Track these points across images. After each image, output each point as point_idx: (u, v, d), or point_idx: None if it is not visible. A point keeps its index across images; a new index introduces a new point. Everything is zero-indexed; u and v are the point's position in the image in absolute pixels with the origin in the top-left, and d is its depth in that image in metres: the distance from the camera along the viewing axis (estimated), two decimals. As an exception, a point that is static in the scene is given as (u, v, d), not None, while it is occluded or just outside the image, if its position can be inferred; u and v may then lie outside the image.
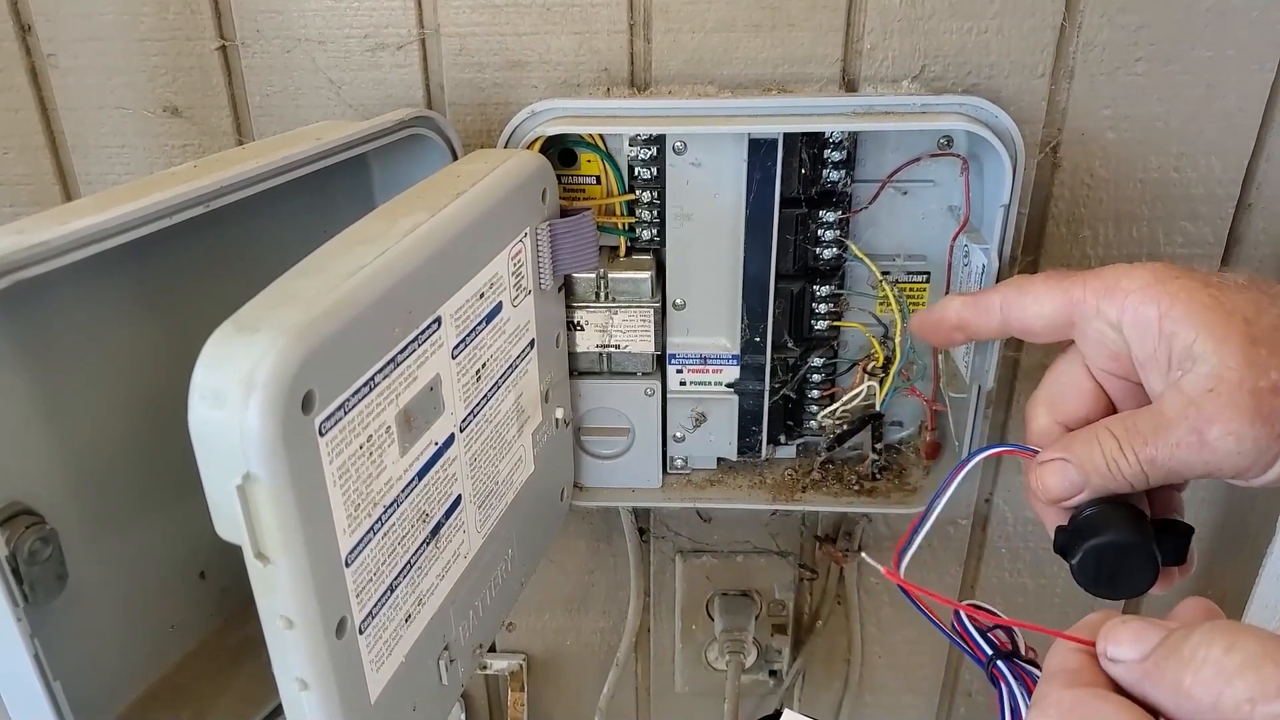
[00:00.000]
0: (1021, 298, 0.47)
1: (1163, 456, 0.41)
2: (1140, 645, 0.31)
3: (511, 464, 0.55)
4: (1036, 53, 0.60)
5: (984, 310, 0.49)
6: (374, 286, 0.39)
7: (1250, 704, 0.26)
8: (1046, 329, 0.47)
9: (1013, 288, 0.48)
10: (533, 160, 0.54)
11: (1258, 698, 0.26)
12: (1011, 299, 0.47)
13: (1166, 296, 0.41)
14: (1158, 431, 0.41)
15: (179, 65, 0.63)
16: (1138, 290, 0.42)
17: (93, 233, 0.38)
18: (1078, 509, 0.44)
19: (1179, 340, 0.41)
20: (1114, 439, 0.42)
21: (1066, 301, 0.45)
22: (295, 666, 0.38)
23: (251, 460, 0.33)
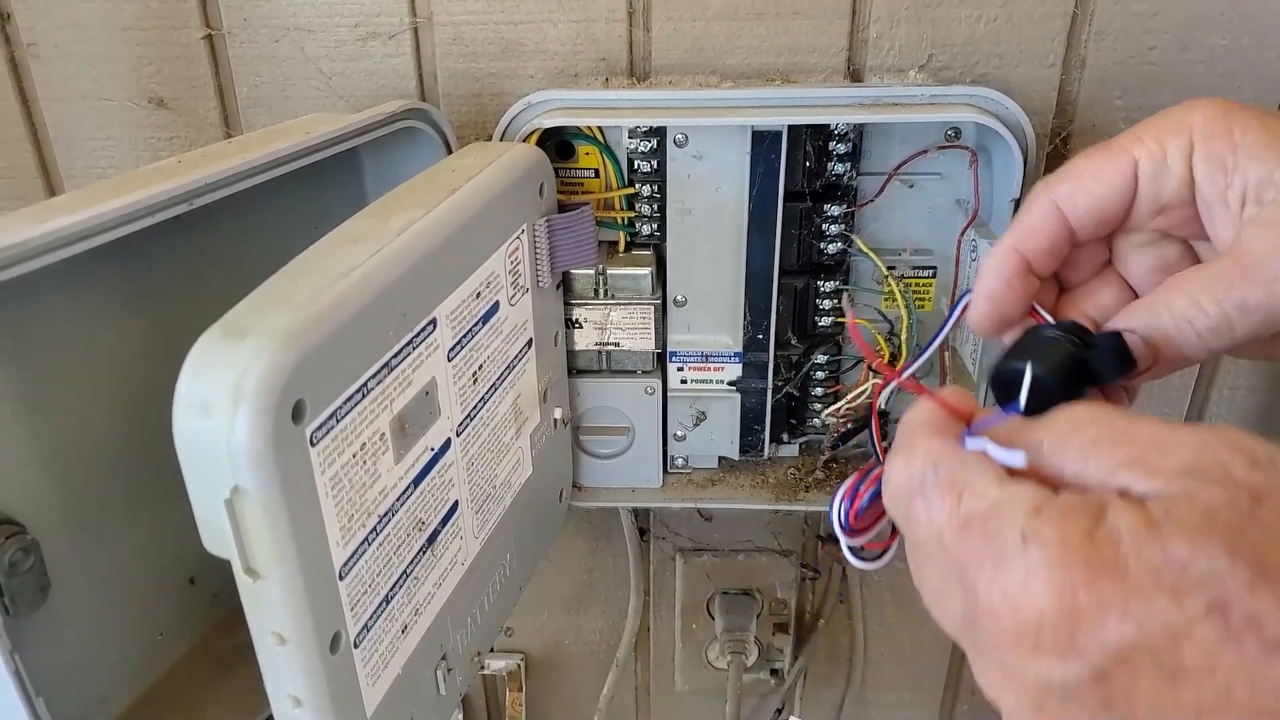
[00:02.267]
0: (1076, 183, 0.38)
1: (1255, 299, 0.34)
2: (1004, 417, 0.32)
3: (509, 466, 0.53)
4: (1047, 41, 0.58)
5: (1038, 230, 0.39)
6: (367, 288, 0.37)
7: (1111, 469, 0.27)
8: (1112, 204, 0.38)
9: (1058, 181, 0.38)
10: (530, 154, 0.52)
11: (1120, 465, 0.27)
12: (1065, 193, 0.38)
13: (1239, 126, 0.35)
14: (1246, 271, 0.34)
15: (164, 55, 0.61)
16: (1205, 122, 0.36)
17: (72, 233, 0.36)
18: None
19: (1254, 170, 0.35)
20: (1184, 294, 0.35)
21: (1126, 163, 0.37)
22: (288, 684, 0.37)
23: (240, 473, 0.32)
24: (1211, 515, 0.24)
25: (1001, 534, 0.27)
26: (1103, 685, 0.25)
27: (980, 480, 0.29)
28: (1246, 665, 0.23)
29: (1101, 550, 0.25)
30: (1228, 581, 0.23)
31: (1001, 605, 0.26)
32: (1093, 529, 0.25)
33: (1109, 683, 0.24)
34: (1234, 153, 0.35)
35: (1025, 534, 0.26)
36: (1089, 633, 0.24)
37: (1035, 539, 0.26)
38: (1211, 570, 0.23)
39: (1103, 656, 0.24)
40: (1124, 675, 0.24)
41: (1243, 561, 0.23)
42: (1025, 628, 0.26)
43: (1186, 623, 0.23)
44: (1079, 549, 0.25)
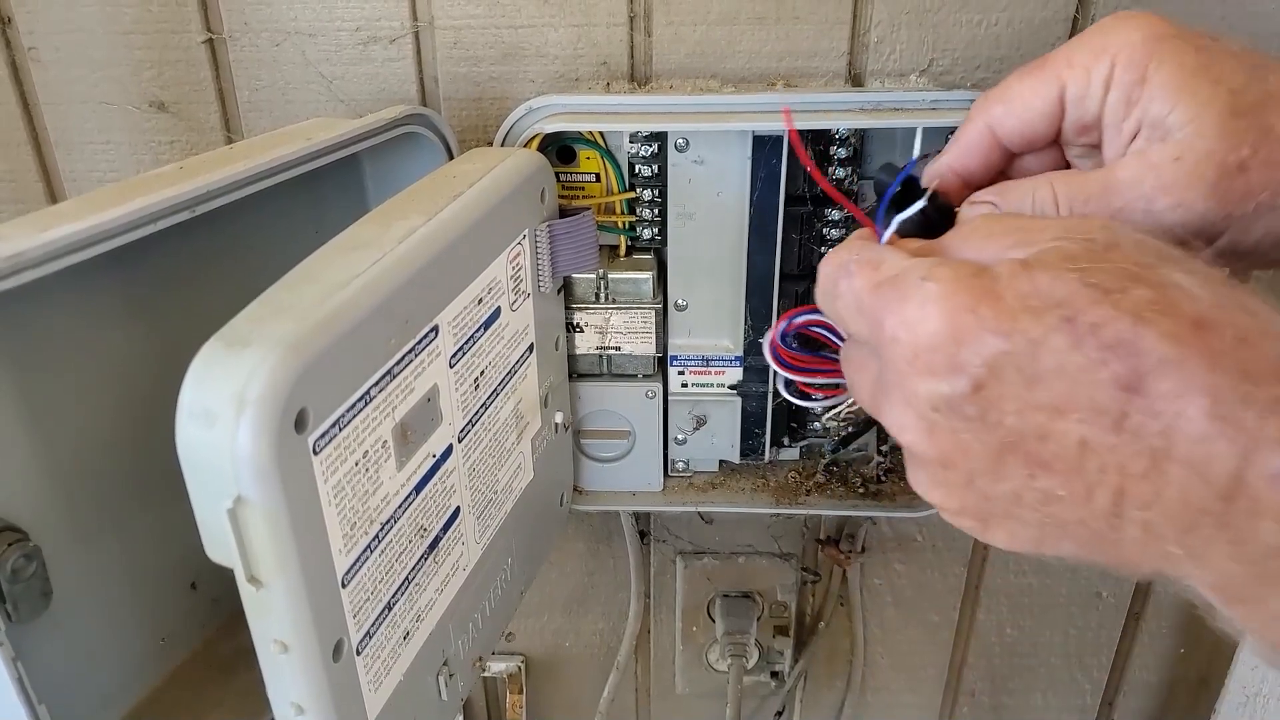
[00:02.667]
0: (1008, 106, 0.41)
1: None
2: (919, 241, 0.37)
3: (510, 471, 0.53)
4: (1048, 46, 0.58)
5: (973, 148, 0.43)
6: (369, 296, 0.37)
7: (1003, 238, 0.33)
8: (1043, 130, 0.41)
9: (992, 102, 0.42)
10: (531, 160, 0.52)
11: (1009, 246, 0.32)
12: (998, 115, 0.41)
13: (1154, 59, 0.37)
14: (1105, 192, 0.38)
15: (164, 59, 0.61)
16: (1126, 48, 0.38)
17: (73, 241, 0.36)
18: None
19: (1154, 108, 0.37)
20: (1051, 193, 0.39)
21: (1055, 88, 0.40)
22: (291, 691, 0.37)
23: (243, 482, 0.32)
24: (1071, 256, 0.30)
25: (906, 281, 0.32)
26: (979, 396, 0.30)
27: (893, 256, 0.34)
28: (1087, 366, 0.28)
29: (983, 283, 0.30)
30: (1077, 300, 0.29)
31: (902, 332, 0.32)
32: (979, 272, 0.31)
33: (983, 393, 0.30)
34: (1141, 86, 0.37)
35: (925, 276, 0.32)
36: (969, 348, 0.30)
37: (931, 278, 0.31)
38: (1066, 293, 0.29)
39: (979, 369, 0.30)
40: (995, 385, 0.30)
41: (1090, 286, 0.29)
42: (920, 350, 0.31)
43: (1044, 333, 0.29)
44: (966, 283, 0.31)
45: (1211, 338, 0.28)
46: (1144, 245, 0.30)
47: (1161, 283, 0.29)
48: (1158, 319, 0.28)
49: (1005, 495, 0.32)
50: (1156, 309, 0.28)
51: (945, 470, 0.33)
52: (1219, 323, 0.28)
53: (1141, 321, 0.28)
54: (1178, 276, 0.29)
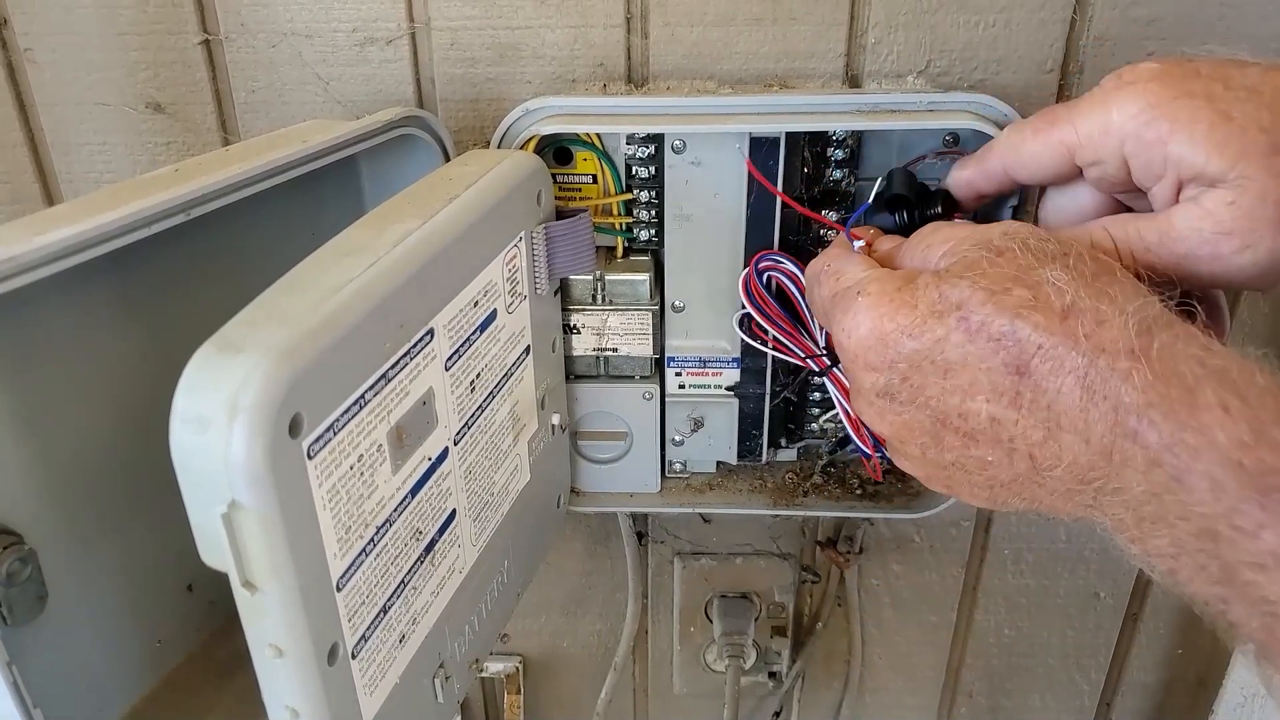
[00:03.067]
0: (1019, 155, 0.46)
1: (1164, 267, 0.40)
2: (891, 241, 0.46)
3: (507, 474, 0.53)
4: (1045, 47, 0.58)
5: (991, 176, 0.48)
6: (363, 300, 0.37)
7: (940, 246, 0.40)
8: (1053, 178, 0.46)
9: (1009, 146, 0.46)
10: (528, 162, 0.52)
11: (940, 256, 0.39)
12: (1010, 159, 0.46)
13: (1166, 123, 0.39)
14: (1164, 241, 0.39)
15: (161, 60, 0.61)
16: (1131, 121, 0.40)
17: (68, 245, 0.36)
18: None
19: (1187, 164, 0.38)
20: (1109, 238, 0.41)
21: (1064, 151, 0.43)
22: (286, 696, 0.37)
23: (237, 488, 0.32)
24: (968, 264, 0.37)
25: (848, 296, 0.40)
26: (906, 384, 0.37)
27: (851, 268, 0.43)
28: (983, 355, 0.35)
29: (904, 295, 0.38)
30: (970, 302, 0.35)
31: (844, 338, 0.40)
32: (903, 285, 0.38)
33: (910, 382, 0.37)
34: (1163, 151, 0.39)
35: (860, 290, 0.40)
36: (893, 349, 0.37)
37: (864, 293, 0.39)
38: (962, 296, 0.36)
39: (903, 365, 0.37)
40: (917, 375, 0.37)
41: (981, 289, 0.35)
42: (857, 351, 0.39)
43: (946, 331, 0.36)
44: (889, 296, 0.38)
45: (1075, 324, 0.34)
46: (1031, 249, 0.36)
47: (1038, 281, 0.35)
48: (1031, 313, 0.34)
49: (953, 463, 0.38)
50: (1031, 305, 0.34)
51: (903, 445, 0.40)
52: (1082, 310, 0.34)
53: (1019, 316, 0.34)
54: (1052, 275, 0.35)
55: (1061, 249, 0.36)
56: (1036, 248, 0.36)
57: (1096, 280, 0.35)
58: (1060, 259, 0.35)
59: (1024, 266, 0.35)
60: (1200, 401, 0.32)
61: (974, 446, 0.37)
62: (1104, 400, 0.33)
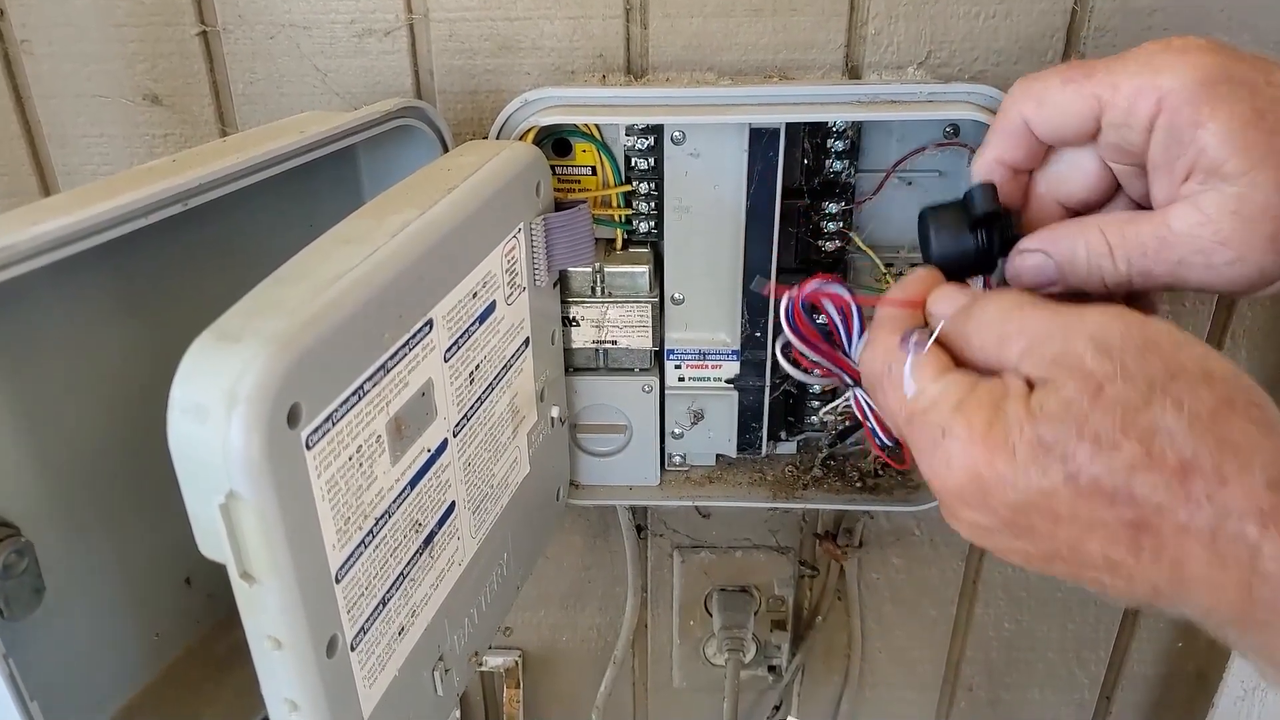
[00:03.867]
0: (1043, 105, 0.42)
1: (1160, 272, 0.39)
2: (950, 304, 0.40)
3: (506, 466, 0.53)
4: (1046, 38, 0.58)
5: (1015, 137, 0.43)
6: (362, 290, 0.37)
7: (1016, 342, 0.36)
8: (1072, 137, 0.42)
9: (1030, 96, 0.42)
10: (527, 153, 0.52)
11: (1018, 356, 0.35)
12: (1031, 109, 0.42)
13: (1207, 105, 0.37)
14: (1161, 247, 0.38)
15: (158, 51, 0.61)
16: (1176, 91, 0.37)
17: (65, 234, 0.36)
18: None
19: (1208, 156, 0.37)
20: (1105, 243, 0.40)
21: (1094, 106, 0.40)
22: (284, 688, 0.36)
23: (235, 478, 0.32)
24: (1067, 405, 0.33)
25: (930, 428, 0.36)
26: (1011, 525, 0.34)
27: (919, 380, 0.38)
28: (1096, 511, 0.32)
29: (995, 435, 0.34)
30: (1077, 455, 0.32)
31: (934, 478, 0.36)
32: (992, 419, 0.34)
33: (1015, 523, 0.34)
34: (1196, 130, 0.37)
35: (944, 430, 0.35)
36: (993, 496, 0.34)
37: (951, 434, 0.35)
38: (1067, 447, 0.32)
39: (1006, 512, 0.34)
40: (1023, 519, 0.34)
41: (1083, 442, 0.32)
42: (952, 492, 0.35)
43: (1052, 485, 0.33)
44: (980, 438, 0.34)
45: (1196, 484, 0.31)
46: (1132, 376, 0.32)
47: (1149, 430, 0.32)
48: (1146, 473, 0.31)
49: (1067, 575, 0.35)
50: (1145, 463, 0.31)
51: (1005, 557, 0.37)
52: (1202, 467, 0.31)
53: (1134, 475, 0.31)
54: (1164, 420, 0.32)
55: (1167, 371, 0.32)
56: (1138, 375, 0.32)
57: (1216, 423, 0.31)
58: (1168, 394, 0.32)
59: (1129, 408, 0.32)
60: None
61: (1087, 572, 0.34)
62: (1235, 565, 0.31)
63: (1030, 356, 0.35)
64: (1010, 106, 0.43)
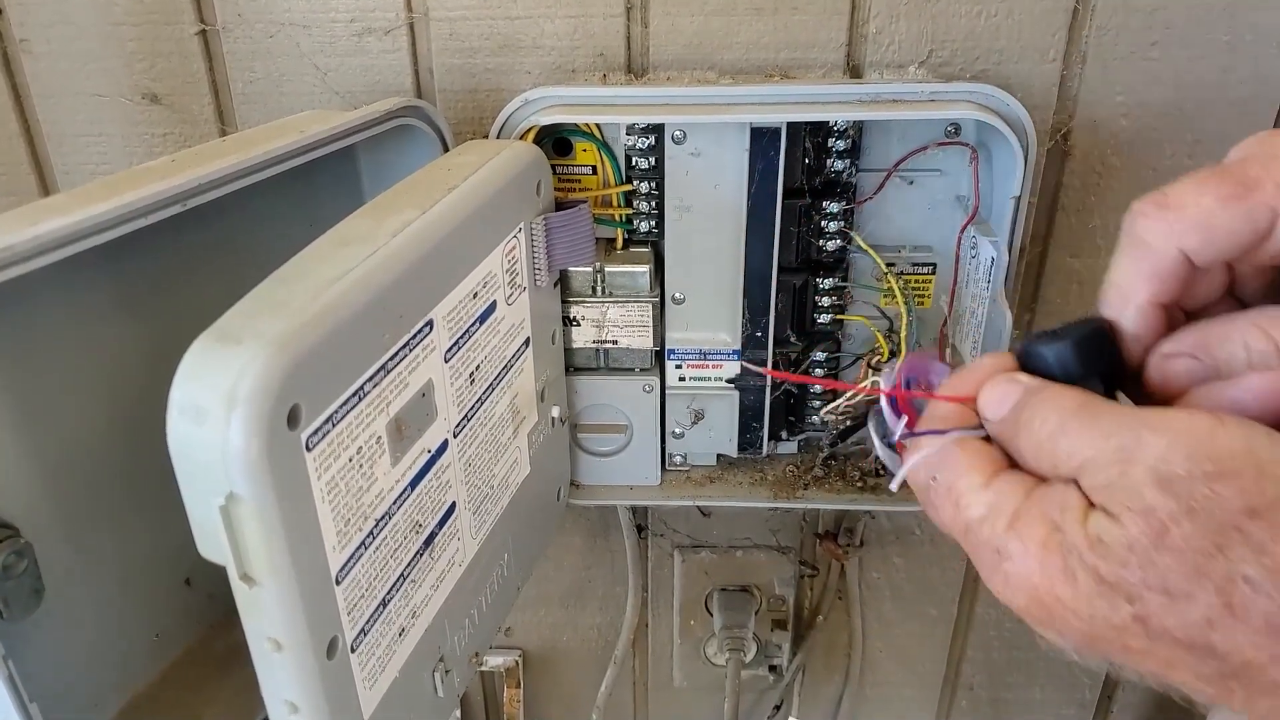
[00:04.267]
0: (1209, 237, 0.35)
1: None
2: (1001, 406, 0.35)
3: (507, 466, 0.53)
4: (1048, 36, 0.58)
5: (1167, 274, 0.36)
6: (362, 291, 0.37)
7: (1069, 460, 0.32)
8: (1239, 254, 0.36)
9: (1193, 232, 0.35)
10: (527, 152, 0.52)
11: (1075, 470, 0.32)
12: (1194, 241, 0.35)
13: None
14: None
15: (157, 50, 0.61)
16: None
17: (63, 235, 0.36)
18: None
19: None
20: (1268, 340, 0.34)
21: (1269, 219, 0.34)
22: (284, 689, 0.36)
23: (235, 479, 0.31)
24: (1130, 546, 0.30)
25: (986, 548, 0.34)
26: (1088, 650, 0.32)
27: (969, 486, 0.34)
28: (1174, 653, 0.30)
29: (1056, 563, 0.31)
30: (1148, 602, 0.30)
31: (999, 595, 0.34)
32: (1047, 540, 0.31)
33: (1093, 648, 0.32)
34: None
35: (999, 550, 0.33)
36: (1061, 623, 0.32)
37: (1006, 555, 0.33)
38: (1130, 589, 0.30)
39: (1077, 637, 0.32)
40: (1097, 644, 0.32)
41: (1151, 588, 0.29)
42: (1021, 613, 0.33)
43: (1124, 624, 0.30)
44: (1038, 562, 0.32)
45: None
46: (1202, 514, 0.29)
47: (1228, 581, 0.28)
48: (1229, 630, 0.29)
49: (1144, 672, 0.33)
50: (1226, 618, 0.28)
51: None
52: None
53: (1213, 630, 0.29)
54: (1245, 569, 0.28)
55: (1243, 505, 0.28)
56: (1205, 512, 0.29)
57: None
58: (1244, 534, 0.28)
59: (1199, 552, 0.29)
60: None
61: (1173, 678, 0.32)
62: None
63: (1087, 474, 0.32)
64: (1157, 241, 0.36)
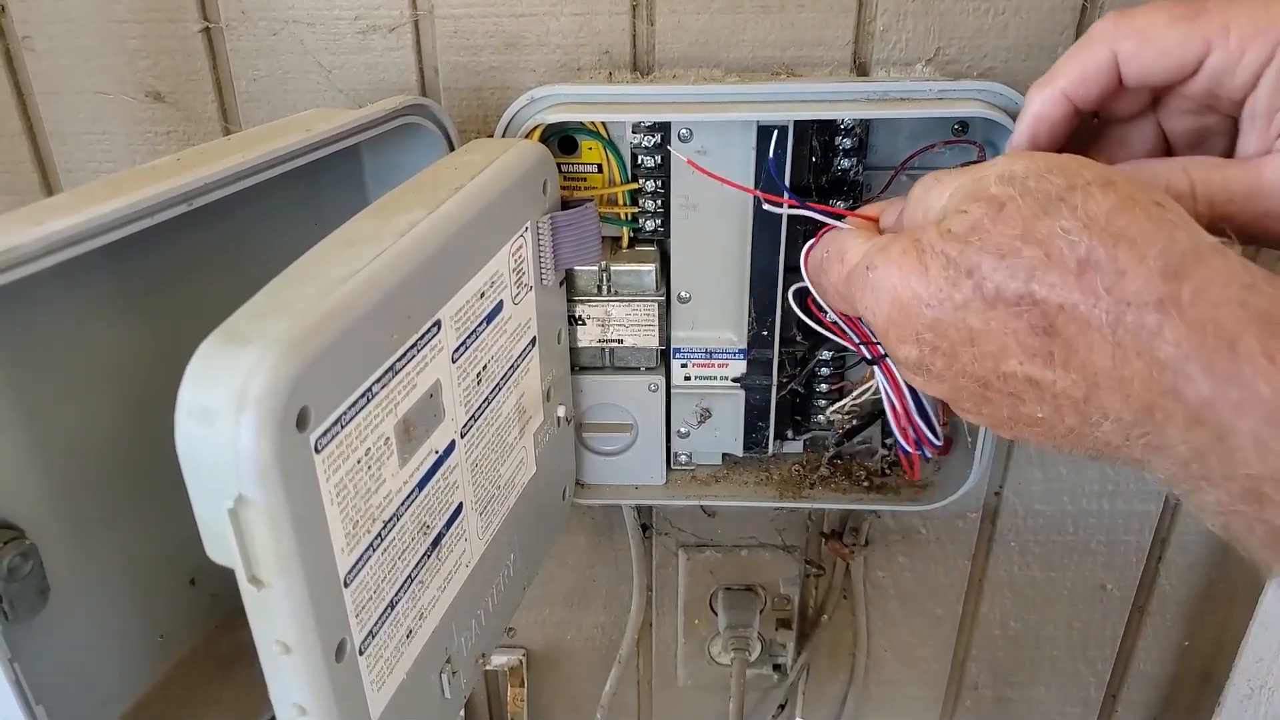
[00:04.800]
0: (1146, 44, 0.39)
1: (1242, 220, 0.37)
2: (896, 209, 0.42)
3: (513, 467, 0.53)
4: (1056, 34, 0.58)
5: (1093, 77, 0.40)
6: (370, 292, 0.36)
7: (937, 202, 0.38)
8: (1167, 80, 0.39)
9: (1129, 36, 0.39)
10: (533, 151, 0.52)
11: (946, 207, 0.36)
12: (1129, 47, 0.39)
13: None
14: (1249, 195, 0.37)
15: (160, 48, 0.61)
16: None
17: (68, 236, 0.35)
18: None
19: None
20: (1187, 181, 0.38)
21: (1202, 49, 0.38)
22: (293, 692, 0.36)
23: (244, 482, 0.31)
24: (971, 225, 0.34)
25: (859, 272, 0.39)
26: (938, 354, 0.36)
27: (853, 245, 0.41)
28: (1006, 319, 0.33)
29: (911, 262, 0.36)
30: (983, 266, 0.33)
31: (868, 314, 0.38)
32: (908, 248, 0.36)
33: (940, 351, 0.35)
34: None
35: (868, 265, 0.38)
36: (915, 320, 0.36)
37: (872, 267, 0.38)
38: (969, 262, 0.34)
39: (930, 336, 0.35)
40: (945, 344, 0.35)
41: (986, 253, 0.33)
42: (885, 327, 0.37)
43: (964, 298, 0.34)
44: (898, 264, 0.36)
45: (1093, 278, 0.31)
46: (1032, 193, 0.33)
47: (1047, 235, 0.32)
48: (1045, 273, 0.32)
49: (1009, 419, 0.36)
50: (1044, 263, 0.32)
51: (957, 406, 0.38)
52: (1098, 262, 0.31)
53: (1034, 276, 0.32)
54: (1062, 224, 0.32)
55: (1066, 184, 0.33)
56: (1038, 191, 0.33)
57: (1112, 221, 0.32)
58: (1066, 201, 0.33)
59: (1029, 218, 0.33)
60: (1241, 351, 0.29)
61: (1021, 405, 0.35)
62: (1137, 357, 0.31)
63: (947, 205, 0.37)
64: (1099, 39, 0.40)
